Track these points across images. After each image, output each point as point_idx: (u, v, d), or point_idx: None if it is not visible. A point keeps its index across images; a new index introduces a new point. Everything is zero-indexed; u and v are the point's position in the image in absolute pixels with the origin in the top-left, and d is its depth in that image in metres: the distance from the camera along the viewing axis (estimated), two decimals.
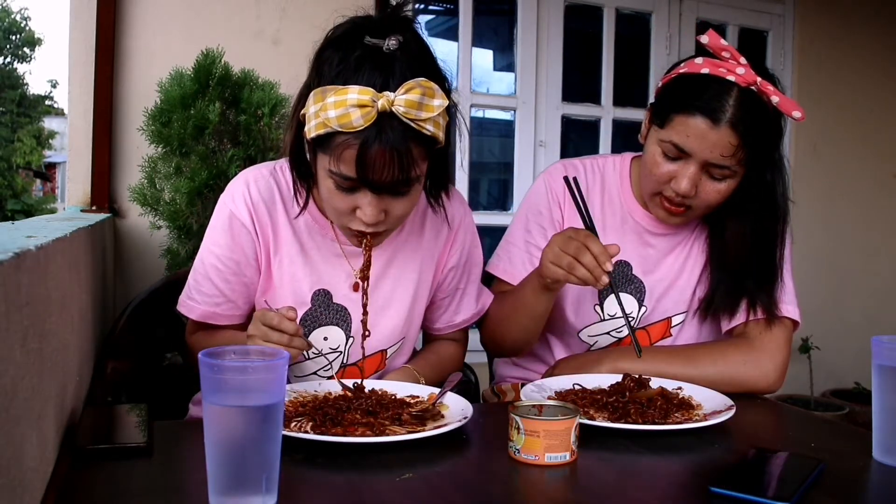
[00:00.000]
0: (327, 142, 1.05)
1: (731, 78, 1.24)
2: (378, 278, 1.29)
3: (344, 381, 1.19)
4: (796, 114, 1.24)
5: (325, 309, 1.28)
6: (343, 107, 1.00)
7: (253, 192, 1.24)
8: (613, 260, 1.19)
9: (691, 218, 1.39)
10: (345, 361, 1.30)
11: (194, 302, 1.28)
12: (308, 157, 1.14)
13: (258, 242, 1.25)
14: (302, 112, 1.09)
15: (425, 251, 1.34)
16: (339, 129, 1.02)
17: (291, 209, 1.25)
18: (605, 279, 1.19)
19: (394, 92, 1.01)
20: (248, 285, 1.27)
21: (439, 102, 1.03)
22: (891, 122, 3.69)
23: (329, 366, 1.29)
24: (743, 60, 1.26)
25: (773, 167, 1.33)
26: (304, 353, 1.17)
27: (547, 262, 1.23)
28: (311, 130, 1.06)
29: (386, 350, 1.33)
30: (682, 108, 1.27)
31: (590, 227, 1.30)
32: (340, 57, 1.06)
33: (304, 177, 1.18)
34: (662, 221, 1.41)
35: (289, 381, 1.23)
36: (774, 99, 1.24)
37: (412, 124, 1.02)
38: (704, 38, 1.28)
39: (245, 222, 1.23)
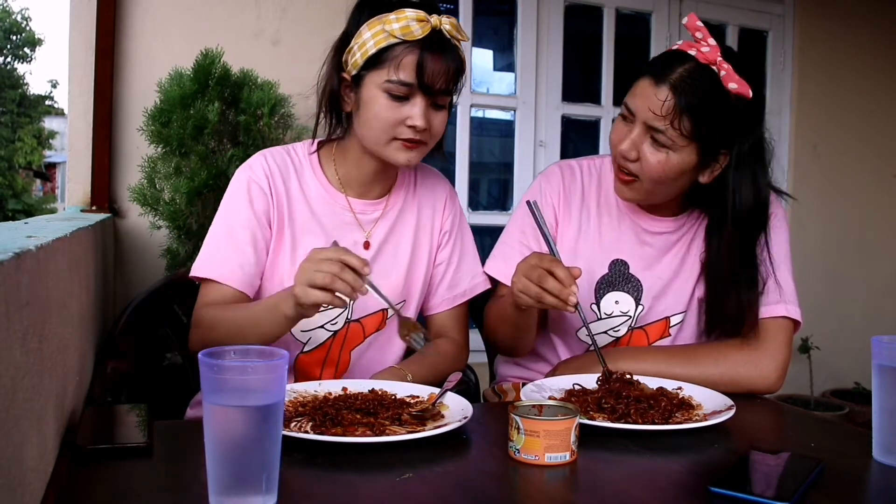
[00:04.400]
0: (385, 55, 1.22)
1: (692, 52, 1.27)
2: (381, 244, 1.39)
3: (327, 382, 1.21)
4: (732, 85, 1.24)
5: None
6: (405, 20, 1.21)
7: (269, 162, 1.36)
8: (578, 281, 1.20)
9: (643, 193, 1.37)
10: (349, 317, 1.37)
11: (210, 265, 1.30)
12: (346, 99, 1.30)
13: (272, 205, 1.33)
14: (349, 48, 1.26)
15: (420, 222, 1.44)
16: (403, 38, 1.21)
17: (304, 182, 1.36)
18: (573, 299, 1.19)
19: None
20: (262, 251, 1.32)
21: (463, 37, 1.28)
22: (891, 122, 3.69)
23: (335, 319, 1.36)
24: (712, 42, 1.28)
25: (743, 158, 1.30)
26: (352, 298, 1.10)
27: (516, 290, 1.25)
28: (370, 50, 1.23)
29: (386, 310, 1.39)
30: (639, 74, 1.32)
31: (552, 250, 1.29)
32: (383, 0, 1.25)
33: (339, 119, 1.34)
34: (618, 195, 1.42)
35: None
36: (722, 73, 1.25)
37: (455, 43, 1.25)
38: (684, 20, 1.33)
39: (262, 185, 1.33)
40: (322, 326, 1.35)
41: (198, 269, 1.31)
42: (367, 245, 1.38)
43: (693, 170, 1.32)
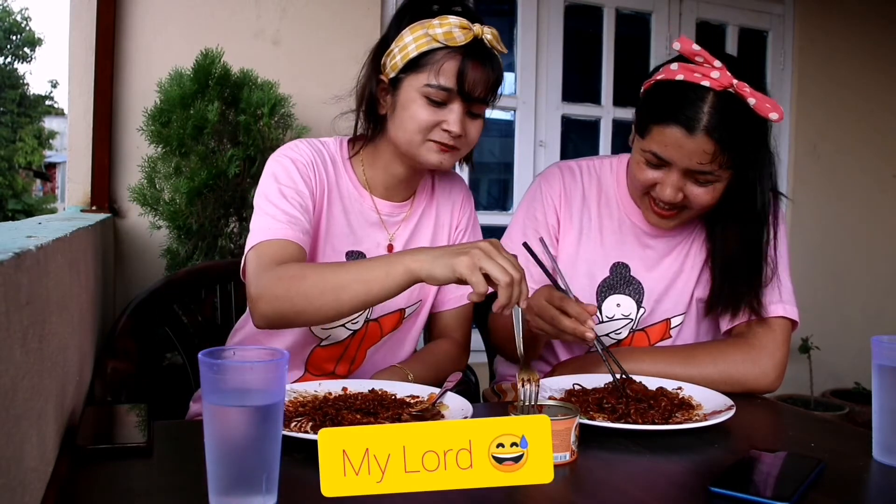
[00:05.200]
0: (426, 59, 1.23)
1: (706, 83, 1.23)
2: (404, 247, 1.39)
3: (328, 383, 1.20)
4: (773, 115, 1.22)
5: None
6: (448, 26, 1.22)
7: (311, 149, 1.34)
8: (579, 284, 1.17)
9: (687, 218, 1.39)
10: (369, 316, 1.37)
11: (273, 230, 1.21)
12: (382, 102, 1.30)
13: (316, 187, 1.31)
14: (389, 51, 1.26)
15: (438, 223, 1.45)
16: (445, 44, 1.21)
17: (339, 176, 1.36)
18: (591, 335, 1.18)
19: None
20: (311, 223, 1.27)
21: (503, 48, 1.28)
22: (891, 122, 3.69)
23: (356, 319, 1.35)
24: (717, 63, 1.24)
25: (759, 164, 1.32)
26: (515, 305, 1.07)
27: (533, 328, 1.25)
28: (411, 53, 1.23)
29: (404, 309, 1.40)
30: (659, 119, 1.26)
31: (561, 287, 1.25)
32: (425, 5, 1.26)
33: (374, 121, 1.33)
34: (655, 226, 1.41)
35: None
36: (751, 101, 1.22)
37: (495, 52, 1.26)
38: (677, 45, 1.28)
39: (306, 162, 1.31)
40: (343, 325, 1.35)
41: (259, 235, 1.22)
42: (390, 248, 1.38)
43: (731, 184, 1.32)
